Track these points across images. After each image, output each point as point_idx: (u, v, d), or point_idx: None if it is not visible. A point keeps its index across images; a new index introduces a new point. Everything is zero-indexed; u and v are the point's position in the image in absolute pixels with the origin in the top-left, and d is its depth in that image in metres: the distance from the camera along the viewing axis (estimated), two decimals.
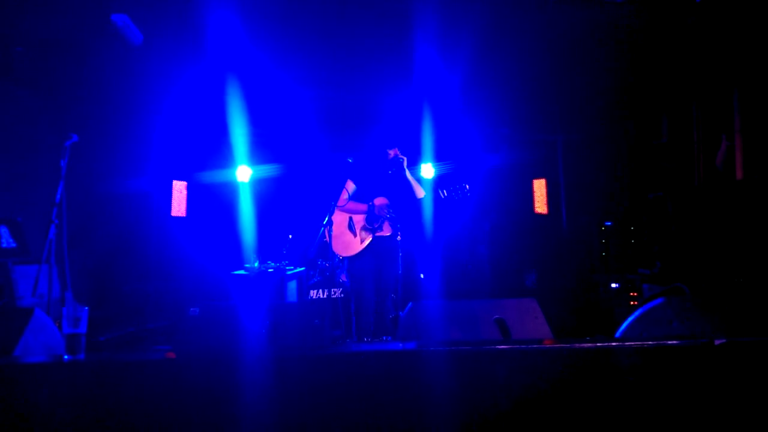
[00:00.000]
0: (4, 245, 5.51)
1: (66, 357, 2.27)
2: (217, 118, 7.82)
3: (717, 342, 2.33)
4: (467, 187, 5.22)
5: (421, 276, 7.37)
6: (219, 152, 8.64)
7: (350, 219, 5.40)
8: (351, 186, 5.41)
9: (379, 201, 5.35)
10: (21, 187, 6.40)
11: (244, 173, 8.53)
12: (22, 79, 6.50)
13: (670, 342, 2.36)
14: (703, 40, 5.65)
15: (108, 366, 2.26)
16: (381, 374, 2.28)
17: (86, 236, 7.26)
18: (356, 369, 2.29)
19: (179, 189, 8.60)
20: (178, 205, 8.56)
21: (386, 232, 5.36)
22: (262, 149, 8.78)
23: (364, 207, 5.36)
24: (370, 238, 5.33)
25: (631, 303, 7.05)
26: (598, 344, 2.35)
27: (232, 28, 5.38)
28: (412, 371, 2.29)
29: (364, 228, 5.36)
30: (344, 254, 5.41)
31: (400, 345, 2.47)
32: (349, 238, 5.37)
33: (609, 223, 7.70)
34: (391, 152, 5.34)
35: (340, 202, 5.31)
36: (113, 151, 7.88)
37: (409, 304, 3.01)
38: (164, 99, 7.49)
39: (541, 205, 8.80)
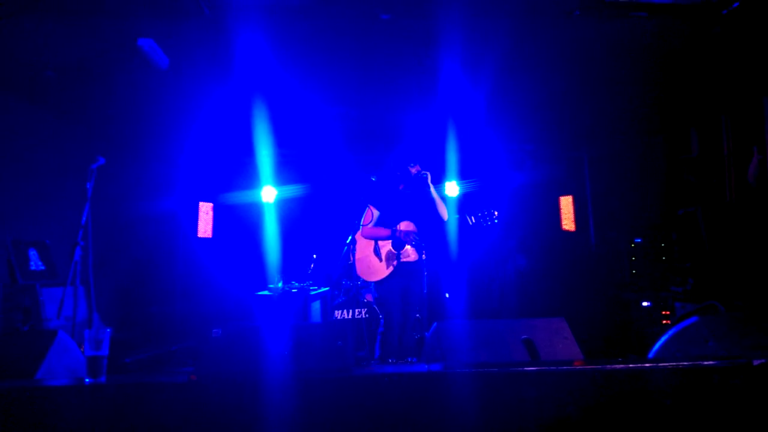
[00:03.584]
0: (33, 267, 5.58)
1: (87, 380, 2.26)
2: (243, 139, 7.87)
3: (756, 362, 2.24)
4: (496, 213, 5.10)
5: (447, 295, 7.29)
6: (245, 173, 8.71)
7: (376, 243, 5.33)
8: (375, 211, 5.34)
9: (404, 225, 5.26)
10: (48, 209, 6.48)
11: (269, 194, 8.58)
12: (51, 103, 6.62)
13: (706, 362, 2.27)
14: (731, 50, 5.53)
15: (129, 389, 2.23)
16: (406, 397, 2.22)
17: (112, 258, 7.33)
18: (381, 391, 2.23)
19: (205, 210, 8.67)
20: (204, 226, 8.63)
21: (412, 257, 5.27)
22: (287, 169, 8.83)
23: (387, 232, 5.26)
24: (396, 263, 5.25)
25: (664, 322, 6.88)
26: (631, 365, 2.26)
27: (259, 50, 5.40)
28: (437, 394, 2.23)
29: (390, 253, 5.28)
30: (369, 279, 5.33)
31: (426, 367, 2.41)
32: (374, 262, 5.30)
33: (638, 240, 7.54)
34: (413, 169, 5.23)
35: (365, 223, 5.24)
36: (140, 173, 7.99)
37: (434, 324, 2.94)
38: (190, 121, 7.55)
39: (568, 222, 8.69)
